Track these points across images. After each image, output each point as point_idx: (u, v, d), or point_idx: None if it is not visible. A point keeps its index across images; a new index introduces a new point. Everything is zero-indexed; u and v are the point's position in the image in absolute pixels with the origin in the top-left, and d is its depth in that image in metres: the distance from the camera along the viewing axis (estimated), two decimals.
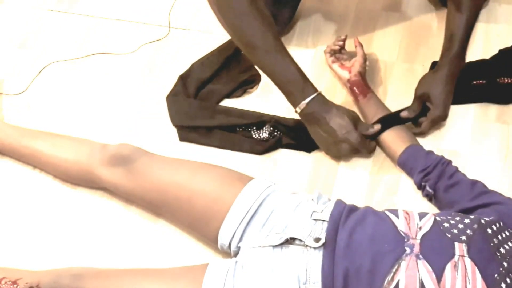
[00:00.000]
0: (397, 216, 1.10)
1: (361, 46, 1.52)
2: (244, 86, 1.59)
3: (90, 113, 1.59)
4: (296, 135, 1.47)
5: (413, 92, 1.43)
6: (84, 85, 1.65)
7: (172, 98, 1.58)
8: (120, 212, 1.39)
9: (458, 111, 1.48)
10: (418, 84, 1.42)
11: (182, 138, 1.52)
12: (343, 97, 1.53)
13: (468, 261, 1.00)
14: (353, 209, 1.16)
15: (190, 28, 1.74)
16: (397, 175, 1.39)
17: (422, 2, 1.70)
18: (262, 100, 1.57)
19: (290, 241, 1.11)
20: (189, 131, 1.52)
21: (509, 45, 1.58)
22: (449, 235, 1.04)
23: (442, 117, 1.40)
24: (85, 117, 1.58)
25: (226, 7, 1.29)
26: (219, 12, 1.30)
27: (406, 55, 1.60)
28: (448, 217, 1.10)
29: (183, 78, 1.61)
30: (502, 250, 1.03)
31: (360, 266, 1.03)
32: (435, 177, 1.28)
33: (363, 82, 1.48)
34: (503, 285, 0.99)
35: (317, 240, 1.09)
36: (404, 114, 1.41)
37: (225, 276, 1.10)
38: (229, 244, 1.20)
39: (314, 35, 1.68)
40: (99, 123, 1.56)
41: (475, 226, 1.05)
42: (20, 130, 1.48)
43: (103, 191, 1.41)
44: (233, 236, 1.18)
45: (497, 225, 1.07)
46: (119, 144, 1.35)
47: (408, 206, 1.30)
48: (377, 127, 1.38)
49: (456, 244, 1.02)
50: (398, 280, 1.00)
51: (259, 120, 1.50)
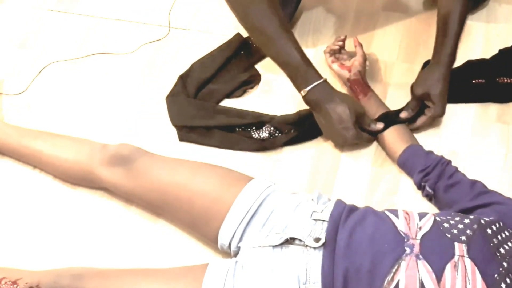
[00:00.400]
0: (397, 216, 1.10)
1: (361, 45, 1.52)
2: (244, 86, 1.59)
3: (90, 113, 1.59)
4: (297, 127, 1.46)
5: None
6: (84, 85, 1.65)
7: (172, 98, 1.58)
8: (120, 212, 1.39)
9: (458, 110, 1.48)
10: (416, 84, 1.42)
11: (181, 138, 1.52)
12: None
13: (468, 261, 1.00)
14: (353, 209, 1.16)
15: (190, 28, 1.74)
16: (397, 175, 1.39)
17: (421, 2, 1.70)
18: (262, 100, 1.57)
19: (290, 241, 1.11)
20: (188, 131, 1.52)
21: (509, 45, 1.58)
22: (449, 235, 1.04)
23: (442, 115, 1.41)
24: (85, 117, 1.58)
25: None
26: None
27: (406, 55, 1.60)
28: (448, 217, 1.10)
29: (183, 78, 1.61)
30: (502, 250, 1.03)
31: (360, 266, 1.03)
32: (435, 177, 1.28)
33: (363, 81, 1.48)
34: (503, 285, 0.99)
35: (317, 240, 1.09)
36: (403, 115, 1.41)
37: (225, 276, 1.10)
38: (229, 244, 1.19)
39: (314, 35, 1.68)
40: (99, 123, 1.56)
41: (475, 226, 1.05)
42: (20, 130, 1.48)
43: (103, 191, 1.41)
44: (233, 236, 1.18)
45: (497, 225, 1.07)
46: (119, 144, 1.35)
47: (408, 206, 1.30)
48: (379, 126, 1.39)
49: (456, 244, 1.02)
50: (398, 280, 1.00)
51: (259, 120, 1.50)
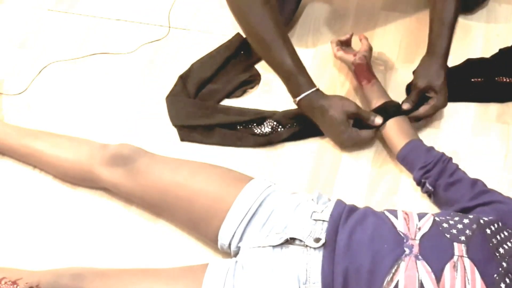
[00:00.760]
0: (396, 216, 1.10)
1: (366, 38, 1.53)
2: (244, 86, 1.59)
3: (90, 113, 1.59)
4: (299, 122, 1.46)
5: None
6: (84, 85, 1.65)
7: (172, 98, 1.58)
8: (120, 212, 1.39)
9: (458, 110, 1.48)
10: (417, 77, 1.41)
11: (183, 138, 1.51)
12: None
13: (467, 261, 1.00)
14: (353, 209, 1.16)
15: (190, 28, 1.74)
16: (397, 175, 1.39)
17: (421, 2, 1.70)
18: (262, 100, 1.57)
19: (290, 241, 1.11)
20: (189, 131, 1.51)
21: (509, 45, 1.58)
22: (448, 236, 1.04)
23: (445, 105, 1.41)
24: (85, 117, 1.58)
25: None
26: None
27: (406, 55, 1.60)
28: (447, 217, 1.10)
29: (183, 78, 1.61)
30: (501, 250, 1.03)
31: (359, 266, 1.03)
32: (436, 175, 1.27)
33: (368, 67, 1.48)
34: (503, 285, 0.99)
35: (317, 240, 1.09)
36: (405, 107, 1.40)
37: (225, 276, 1.10)
38: (229, 244, 1.19)
39: (314, 35, 1.69)
40: (99, 123, 1.56)
41: (474, 226, 1.05)
42: (20, 130, 1.48)
43: (103, 191, 1.41)
44: (233, 236, 1.18)
45: (496, 225, 1.07)
46: (119, 144, 1.36)
47: (408, 206, 1.31)
48: (378, 120, 1.38)
49: (455, 244, 1.02)
50: (398, 281, 1.00)
51: (259, 117, 1.50)
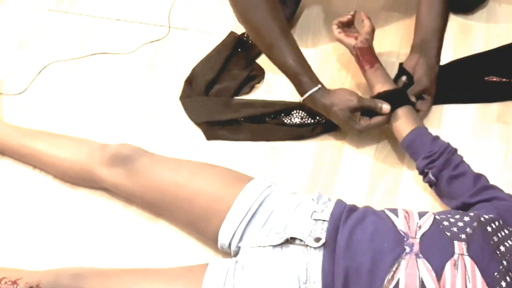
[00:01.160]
0: (396, 215, 1.10)
1: (369, 18, 1.46)
2: (249, 82, 1.59)
3: (90, 113, 1.59)
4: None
5: None
6: (84, 85, 1.65)
7: (186, 99, 1.56)
8: (120, 212, 1.39)
9: (458, 110, 1.48)
10: (426, 74, 1.40)
11: (209, 137, 1.50)
12: None
13: (467, 260, 1.00)
14: (353, 209, 1.16)
15: (190, 28, 1.74)
16: (397, 175, 1.39)
17: None
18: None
19: (290, 241, 1.11)
20: (216, 129, 1.50)
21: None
22: (448, 234, 1.04)
23: (427, 112, 1.43)
24: (85, 117, 1.58)
25: None
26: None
27: (406, 55, 1.59)
28: (448, 215, 1.10)
29: (189, 82, 1.60)
30: (502, 248, 1.03)
31: (360, 266, 1.03)
32: (440, 166, 1.24)
33: (371, 51, 1.43)
34: (503, 283, 0.99)
35: (318, 240, 1.09)
36: (413, 99, 1.37)
37: (225, 276, 1.10)
38: (229, 244, 1.19)
39: (314, 35, 1.69)
40: (99, 123, 1.56)
41: (475, 224, 1.05)
42: (20, 130, 1.48)
43: (103, 191, 1.41)
44: (233, 236, 1.18)
45: (497, 223, 1.07)
46: (119, 144, 1.35)
47: (408, 206, 1.30)
48: (386, 107, 1.34)
49: (456, 242, 1.02)
50: (398, 279, 1.00)
51: (287, 107, 1.49)
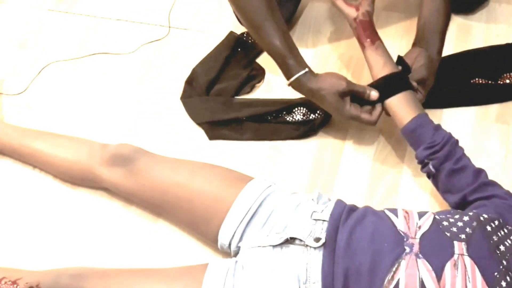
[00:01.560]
0: (396, 215, 1.10)
1: None
2: (250, 82, 1.59)
3: (90, 113, 1.59)
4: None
5: None
6: (84, 85, 1.65)
7: (188, 100, 1.56)
8: (120, 212, 1.39)
9: (458, 111, 1.48)
10: (426, 64, 1.35)
11: (211, 137, 1.50)
12: None
13: (467, 260, 1.00)
14: (353, 209, 1.16)
15: (190, 28, 1.74)
16: (397, 175, 1.39)
17: (421, 2, 1.70)
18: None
19: (290, 241, 1.11)
20: (219, 129, 1.50)
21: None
22: (448, 234, 1.04)
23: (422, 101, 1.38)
24: (85, 117, 1.58)
25: None
26: None
27: None
28: (448, 215, 1.09)
29: (189, 83, 1.60)
30: (501, 247, 1.03)
31: (360, 266, 1.03)
32: (442, 158, 1.20)
33: (372, 25, 1.35)
34: (503, 283, 0.99)
35: (317, 240, 1.09)
36: (414, 84, 1.32)
37: (225, 276, 1.10)
38: (229, 244, 1.19)
39: (314, 35, 1.69)
40: (99, 123, 1.56)
41: (475, 223, 1.05)
42: (20, 130, 1.48)
43: (103, 191, 1.41)
44: (233, 236, 1.18)
45: (497, 222, 1.07)
46: (119, 144, 1.35)
47: (408, 206, 1.30)
48: (374, 94, 1.31)
49: (456, 243, 1.02)
50: (398, 279, 1.00)
51: (288, 105, 1.49)
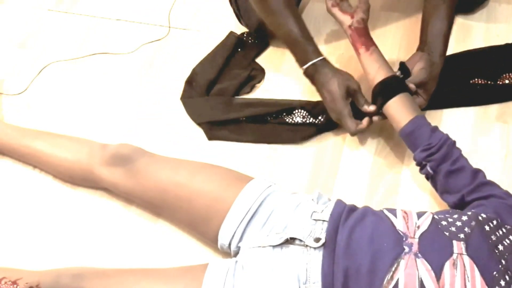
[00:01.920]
0: (395, 215, 1.10)
1: None
2: (250, 82, 1.59)
3: (90, 113, 1.59)
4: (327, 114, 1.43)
5: None
6: (84, 85, 1.65)
7: (187, 100, 1.56)
8: (120, 212, 1.39)
9: (458, 111, 1.48)
10: (427, 68, 1.37)
11: (210, 137, 1.50)
12: None
13: (466, 259, 1.00)
14: (353, 209, 1.16)
15: (190, 28, 1.74)
16: (397, 175, 1.40)
17: (421, 2, 1.69)
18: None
19: (290, 241, 1.11)
20: (218, 129, 1.50)
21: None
22: (447, 234, 1.04)
23: (423, 108, 1.39)
24: (85, 117, 1.58)
25: None
26: None
27: (406, 55, 1.59)
28: (446, 215, 1.10)
29: (189, 83, 1.60)
30: (500, 247, 1.03)
31: (360, 266, 1.03)
32: (439, 159, 1.21)
33: (366, 32, 1.37)
34: (502, 282, 0.99)
35: (317, 240, 1.09)
36: (412, 86, 1.34)
37: (225, 276, 1.10)
38: (229, 244, 1.20)
39: (314, 35, 1.66)
40: (99, 123, 1.56)
41: (473, 223, 1.05)
42: (20, 130, 1.48)
43: (103, 191, 1.41)
44: (233, 236, 1.18)
45: (495, 221, 1.07)
46: (119, 144, 1.36)
47: (408, 206, 1.30)
48: (371, 108, 1.35)
49: (455, 242, 1.02)
50: (398, 279, 1.00)
51: (288, 107, 1.49)
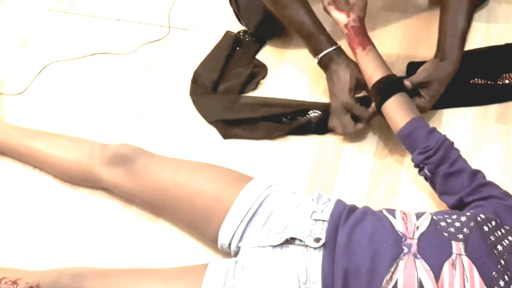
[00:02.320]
0: (394, 216, 1.10)
1: None
2: (253, 79, 1.59)
3: (90, 113, 1.59)
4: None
5: None
6: (84, 85, 1.65)
7: (197, 97, 1.56)
8: (120, 212, 1.39)
9: (458, 111, 1.48)
10: (429, 68, 1.37)
11: (225, 136, 1.50)
12: None
13: (465, 260, 1.00)
14: (353, 209, 1.16)
15: (190, 28, 1.74)
16: (397, 175, 1.39)
17: (421, 2, 1.70)
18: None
19: (290, 241, 1.11)
20: (232, 128, 1.50)
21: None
22: (446, 234, 1.04)
23: (426, 111, 1.39)
24: (85, 117, 1.58)
25: None
26: None
27: (406, 55, 1.60)
28: (445, 215, 1.10)
29: (194, 83, 1.60)
30: (499, 247, 1.03)
31: (359, 266, 1.03)
32: (436, 162, 1.21)
33: (363, 31, 1.36)
34: (501, 282, 0.99)
35: (317, 240, 1.09)
36: (407, 84, 1.34)
37: (225, 276, 1.10)
38: (229, 244, 1.20)
39: None
40: (99, 123, 1.56)
41: (472, 224, 1.05)
42: (20, 130, 1.48)
43: (103, 191, 1.41)
44: (233, 236, 1.18)
45: (494, 222, 1.07)
46: (119, 144, 1.36)
47: (408, 206, 1.31)
48: (371, 111, 1.37)
49: (454, 243, 1.02)
50: (397, 280, 1.00)
51: (303, 108, 1.49)
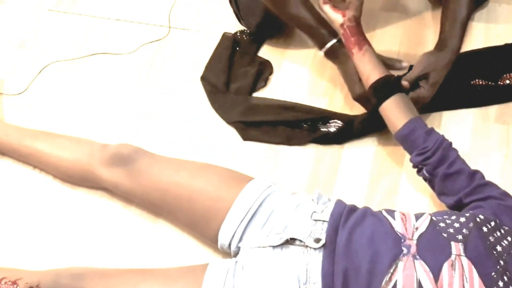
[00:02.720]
0: (393, 217, 1.10)
1: None
2: (261, 77, 1.58)
3: (90, 113, 1.59)
4: (370, 126, 1.44)
5: None
6: (84, 85, 1.65)
7: (215, 96, 1.56)
8: (120, 212, 1.39)
9: (458, 111, 1.48)
10: (423, 61, 1.36)
11: (245, 138, 1.49)
12: (344, 97, 1.53)
13: (465, 260, 1.00)
14: (353, 209, 1.16)
15: (190, 28, 1.74)
16: (397, 175, 1.39)
17: (421, 2, 1.70)
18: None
19: (290, 241, 1.11)
20: (251, 129, 1.50)
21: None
22: (445, 235, 1.04)
23: (427, 100, 1.37)
24: (85, 117, 1.58)
25: None
26: None
27: (406, 55, 1.59)
28: (444, 216, 1.10)
29: (206, 86, 1.59)
30: (498, 248, 1.03)
31: (359, 267, 1.03)
32: (435, 163, 1.20)
33: (359, 30, 1.34)
34: (501, 283, 0.99)
35: (317, 240, 1.09)
36: (405, 84, 1.33)
37: (225, 276, 1.10)
38: (229, 244, 1.20)
39: None
40: (99, 123, 1.56)
41: (471, 224, 1.05)
42: (20, 130, 1.49)
43: (103, 191, 1.41)
44: (233, 236, 1.18)
45: (493, 223, 1.07)
46: (119, 144, 1.36)
47: (408, 206, 1.31)
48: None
49: (453, 243, 1.02)
50: (396, 280, 1.00)
51: (326, 115, 1.48)
